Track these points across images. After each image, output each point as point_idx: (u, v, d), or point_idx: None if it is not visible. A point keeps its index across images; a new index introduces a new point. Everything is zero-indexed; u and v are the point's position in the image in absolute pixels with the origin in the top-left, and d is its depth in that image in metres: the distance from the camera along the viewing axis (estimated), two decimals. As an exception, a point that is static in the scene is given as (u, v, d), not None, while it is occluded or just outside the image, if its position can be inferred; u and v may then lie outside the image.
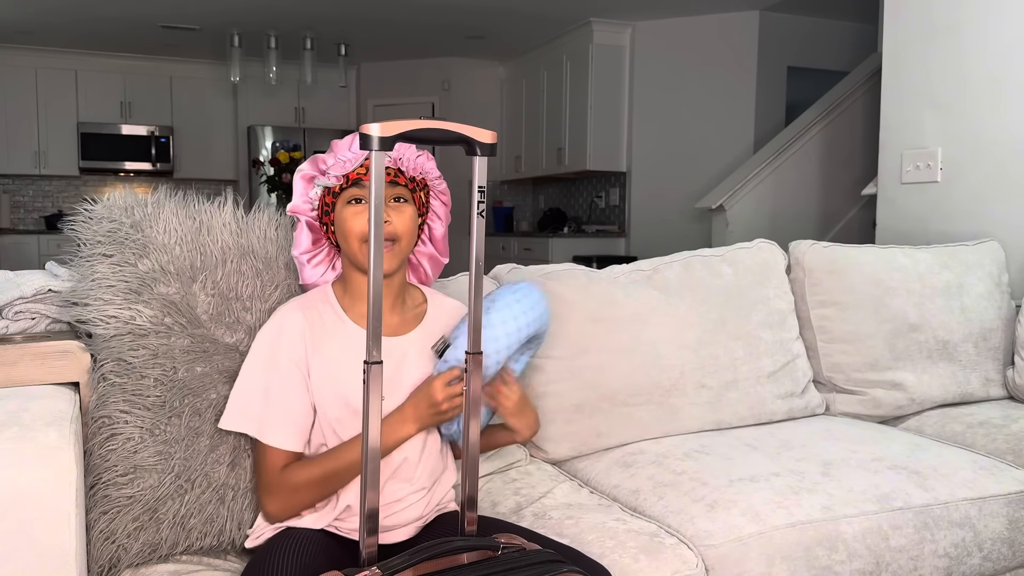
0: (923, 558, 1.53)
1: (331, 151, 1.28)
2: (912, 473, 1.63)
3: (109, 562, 1.27)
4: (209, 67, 7.47)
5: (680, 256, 2.01)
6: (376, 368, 1.03)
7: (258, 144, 7.31)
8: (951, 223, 2.74)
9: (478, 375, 1.13)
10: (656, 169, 6.19)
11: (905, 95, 2.91)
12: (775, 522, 1.44)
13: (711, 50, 5.91)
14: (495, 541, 1.08)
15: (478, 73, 7.51)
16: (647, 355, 1.81)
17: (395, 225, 1.25)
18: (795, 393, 1.99)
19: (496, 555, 1.07)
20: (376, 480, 1.05)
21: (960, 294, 2.22)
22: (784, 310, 2.03)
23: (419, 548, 1.03)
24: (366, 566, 1.04)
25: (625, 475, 1.65)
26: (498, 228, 7.47)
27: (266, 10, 5.81)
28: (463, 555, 1.06)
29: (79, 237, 1.34)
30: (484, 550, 1.07)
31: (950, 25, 2.73)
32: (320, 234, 1.34)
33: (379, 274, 1.00)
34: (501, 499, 1.54)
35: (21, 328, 1.39)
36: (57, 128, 7.06)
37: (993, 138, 2.61)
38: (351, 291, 1.31)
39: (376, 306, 1.00)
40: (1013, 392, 2.23)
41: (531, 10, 5.82)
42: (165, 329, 1.31)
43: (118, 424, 1.28)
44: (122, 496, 1.27)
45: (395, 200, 1.27)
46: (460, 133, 1.05)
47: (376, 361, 1.02)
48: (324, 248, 1.35)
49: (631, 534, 1.38)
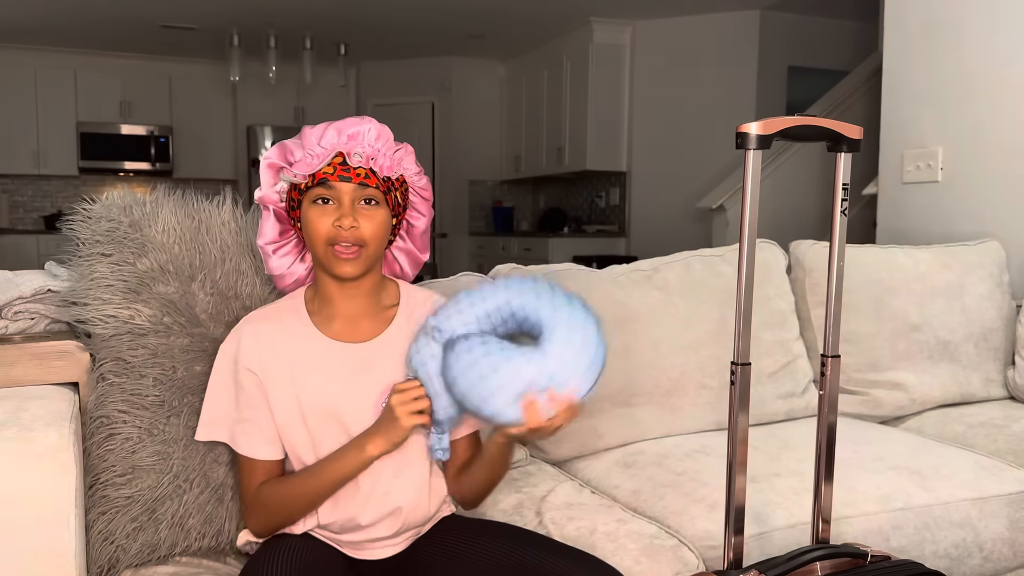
0: (924, 558, 1.52)
1: (300, 139, 1.21)
2: (913, 473, 1.62)
3: (108, 562, 1.27)
4: (208, 67, 7.46)
5: (680, 256, 2.01)
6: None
7: (258, 144, 7.31)
8: (952, 223, 2.74)
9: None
10: (656, 169, 6.19)
11: (905, 95, 2.90)
12: (775, 523, 1.44)
13: (711, 50, 5.90)
14: (863, 549, 1.09)
15: (478, 73, 7.50)
16: (647, 355, 1.80)
17: (362, 230, 1.16)
18: (795, 393, 1.99)
19: (864, 564, 1.08)
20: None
21: (961, 294, 2.21)
22: (784, 310, 2.03)
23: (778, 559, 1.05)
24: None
25: (626, 475, 1.65)
26: (498, 228, 7.46)
27: (266, 10, 5.80)
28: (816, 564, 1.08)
29: (78, 237, 1.34)
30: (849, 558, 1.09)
31: (950, 24, 2.72)
32: (288, 225, 1.27)
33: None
34: (502, 499, 1.53)
35: (20, 328, 1.38)
36: (56, 128, 7.06)
37: (994, 138, 2.60)
38: (320, 293, 1.25)
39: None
40: (1014, 392, 2.23)
41: (531, 10, 5.82)
42: (164, 328, 1.31)
43: (117, 424, 1.27)
44: (121, 496, 1.27)
45: (365, 202, 1.18)
46: (829, 129, 1.06)
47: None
48: (292, 239, 1.28)
49: (632, 535, 1.38)
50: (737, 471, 1.11)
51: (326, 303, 1.25)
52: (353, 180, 1.16)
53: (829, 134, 1.08)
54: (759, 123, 1.02)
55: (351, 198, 1.17)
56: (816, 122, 1.06)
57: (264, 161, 1.23)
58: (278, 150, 1.22)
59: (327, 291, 1.24)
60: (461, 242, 7.59)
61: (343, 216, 1.16)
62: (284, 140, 1.24)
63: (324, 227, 1.17)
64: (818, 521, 1.22)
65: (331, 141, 1.18)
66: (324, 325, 1.24)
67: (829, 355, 1.18)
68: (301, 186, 1.18)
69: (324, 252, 1.18)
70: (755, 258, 2.05)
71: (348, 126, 1.19)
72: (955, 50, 2.71)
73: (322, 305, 1.25)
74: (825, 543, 1.21)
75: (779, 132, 1.04)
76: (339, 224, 1.16)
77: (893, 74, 2.96)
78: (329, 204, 1.17)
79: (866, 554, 1.12)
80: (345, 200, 1.17)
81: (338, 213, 1.16)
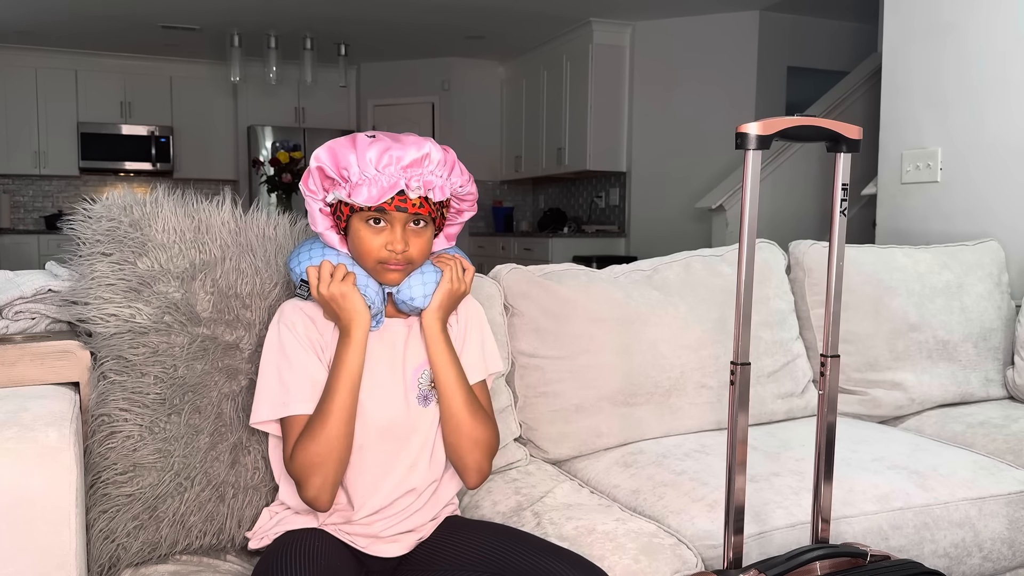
0: (923, 558, 1.53)
1: (353, 148, 1.19)
2: (912, 473, 1.62)
3: (109, 561, 1.27)
4: (209, 67, 7.47)
5: (680, 256, 2.01)
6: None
7: (258, 144, 7.31)
8: (951, 223, 2.74)
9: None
10: (656, 169, 6.19)
11: (905, 95, 2.90)
12: (775, 522, 1.44)
13: (711, 50, 5.91)
14: (862, 549, 1.09)
15: (478, 73, 7.50)
16: (647, 355, 1.81)
17: (411, 251, 1.22)
18: (795, 393, 1.99)
19: (863, 564, 1.09)
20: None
21: (960, 294, 2.22)
22: (784, 310, 2.03)
23: (777, 559, 1.06)
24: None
25: (625, 475, 1.65)
26: (498, 228, 7.47)
27: (266, 10, 5.81)
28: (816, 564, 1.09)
29: (78, 236, 1.34)
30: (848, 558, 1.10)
31: (950, 25, 2.73)
32: (332, 220, 1.27)
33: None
34: (501, 499, 1.53)
35: (21, 328, 1.39)
36: (57, 128, 7.06)
37: (993, 138, 2.61)
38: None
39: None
40: (1013, 392, 2.23)
41: (531, 10, 5.82)
42: (165, 327, 1.31)
43: (118, 422, 1.28)
44: (122, 494, 1.27)
45: (414, 223, 1.22)
46: (829, 129, 1.07)
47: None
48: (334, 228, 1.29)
49: (631, 534, 1.38)
50: (737, 471, 1.11)
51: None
52: (409, 211, 1.20)
53: (828, 134, 1.08)
54: (759, 123, 1.03)
55: (403, 222, 1.21)
56: (815, 122, 1.07)
57: (314, 163, 1.22)
58: (331, 159, 1.20)
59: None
60: (461, 242, 7.59)
61: (395, 241, 1.20)
62: (333, 143, 1.22)
63: (375, 248, 1.21)
64: (817, 520, 1.22)
65: (390, 170, 1.17)
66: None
67: (828, 355, 1.18)
68: (355, 206, 1.20)
69: (373, 266, 1.23)
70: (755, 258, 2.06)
71: (407, 153, 1.18)
72: (954, 50, 2.72)
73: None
74: (824, 543, 1.22)
75: (779, 132, 1.04)
76: (391, 248, 1.20)
77: (893, 74, 2.96)
78: (381, 225, 1.21)
79: (865, 553, 1.12)
80: (397, 225, 1.21)
81: (390, 236, 1.21)
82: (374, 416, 1.25)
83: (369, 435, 1.25)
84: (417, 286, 1.26)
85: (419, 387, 1.28)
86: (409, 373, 1.28)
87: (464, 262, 1.32)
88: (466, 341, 1.34)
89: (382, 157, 1.17)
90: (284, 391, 1.22)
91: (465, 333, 1.35)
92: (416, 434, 1.28)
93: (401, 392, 1.27)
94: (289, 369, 1.22)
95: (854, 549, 1.13)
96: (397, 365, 1.28)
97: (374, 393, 1.25)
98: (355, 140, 1.21)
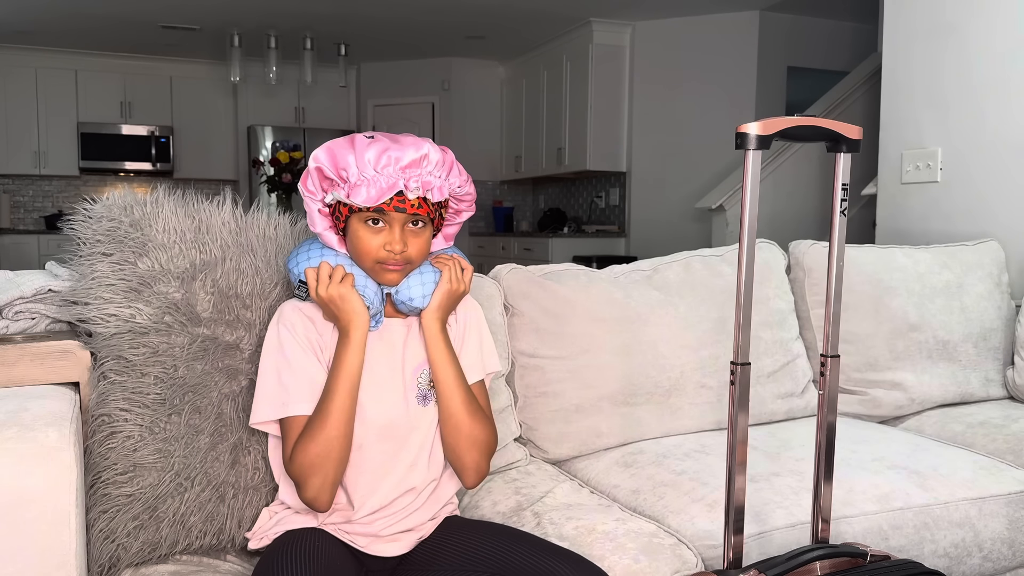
0: (923, 558, 1.53)
1: (351, 149, 1.19)
2: (912, 473, 1.63)
3: (109, 561, 1.27)
4: (209, 67, 7.47)
5: (680, 256, 2.01)
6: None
7: (258, 144, 7.31)
8: (951, 223, 2.74)
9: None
10: (656, 169, 6.19)
11: (905, 95, 2.90)
12: (775, 522, 1.44)
13: (711, 50, 5.91)
14: (862, 549, 1.10)
15: (478, 73, 7.50)
16: (647, 355, 1.81)
17: (410, 251, 1.23)
18: (795, 393, 1.99)
19: (863, 564, 1.09)
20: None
21: (960, 294, 2.22)
22: (784, 310, 2.03)
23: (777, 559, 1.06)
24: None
25: (625, 475, 1.65)
26: (498, 228, 7.47)
27: (266, 10, 5.81)
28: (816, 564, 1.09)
29: (78, 236, 1.34)
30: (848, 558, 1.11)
31: (950, 25, 2.73)
32: (331, 220, 1.27)
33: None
34: (501, 499, 1.54)
35: (21, 328, 1.39)
36: (57, 128, 7.06)
37: (993, 138, 2.61)
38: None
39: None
40: (1013, 392, 2.23)
41: (531, 10, 5.82)
42: (165, 327, 1.31)
43: (118, 422, 1.28)
44: (122, 494, 1.27)
45: (412, 224, 1.23)
46: (829, 129, 1.07)
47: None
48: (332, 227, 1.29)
49: (631, 534, 1.38)
50: (737, 471, 1.11)
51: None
52: (408, 211, 1.20)
53: (828, 134, 1.09)
54: (759, 123, 1.03)
55: (402, 223, 1.21)
56: (815, 122, 1.07)
57: (313, 164, 1.22)
58: (329, 159, 1.20)
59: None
60: (461, 242, 7.59)
61: (394, 241, 1.21)
62: (332, 144, 1.22)
63: (374, 248, 1.22)
64: (817, 520, 1.22)
65: (388, 171, 1.17)
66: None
67: (828, 355, 1.18)
68: (354, 206, 1.20)
69: (371, 266, 1.23)
70: (755, 258, 2.06)
71: (405, 153, 1.18)
72: (954, 50, 2.72)
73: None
74: (824, 543, 1.22)
75: (779, 132, 1.04)
76: (389, 248, 1.21)
77: (892, 74, 2.96)
78: (379, 225, 1.22)
79: (865, 553, 1.12)
80: (396, 226, 1.21)
81: (388, 237, 1.21)
82: (374, 416, 1.25)
83: (369, 435, 1.25)
84: (416, 286, 1.26)
85: (418, 387, 1.29)
86: (408, 373, 1.29)
87: (463, 262, 1.32)
88: (465, 341, 1.35)
89: (380, 158, 1.18)
90: (283, 392, 1.22)
91: (464, 333, 1.35)
92: (415, 433, 1.28)
93: (400, 392, 1.28)
94: (288, 370, 1.22)
95: (854, 549, 1.13)
96: (396, 365, 1.29)
97: (373, 393, 1.25)
98: (354, 141, 1.21)
